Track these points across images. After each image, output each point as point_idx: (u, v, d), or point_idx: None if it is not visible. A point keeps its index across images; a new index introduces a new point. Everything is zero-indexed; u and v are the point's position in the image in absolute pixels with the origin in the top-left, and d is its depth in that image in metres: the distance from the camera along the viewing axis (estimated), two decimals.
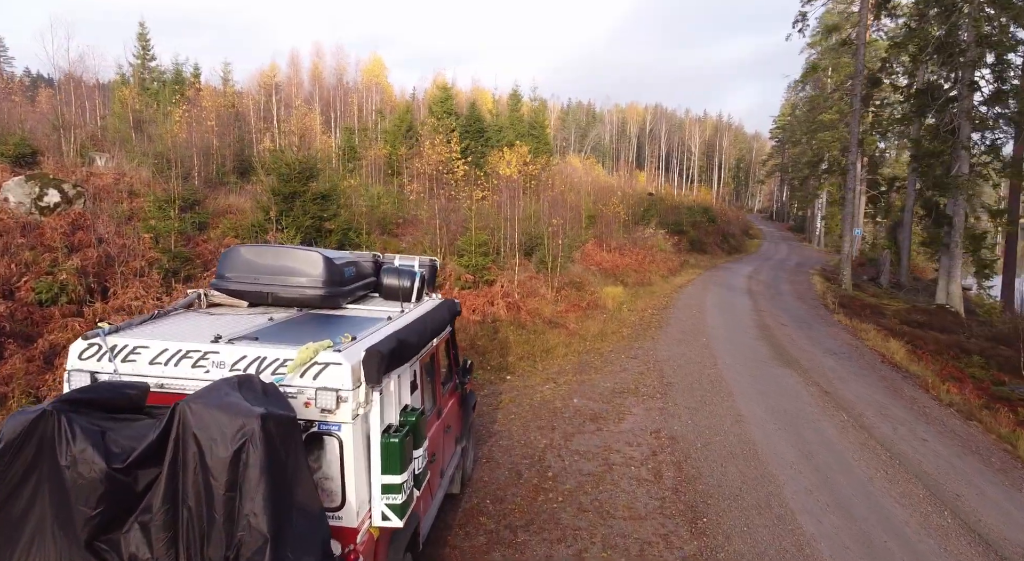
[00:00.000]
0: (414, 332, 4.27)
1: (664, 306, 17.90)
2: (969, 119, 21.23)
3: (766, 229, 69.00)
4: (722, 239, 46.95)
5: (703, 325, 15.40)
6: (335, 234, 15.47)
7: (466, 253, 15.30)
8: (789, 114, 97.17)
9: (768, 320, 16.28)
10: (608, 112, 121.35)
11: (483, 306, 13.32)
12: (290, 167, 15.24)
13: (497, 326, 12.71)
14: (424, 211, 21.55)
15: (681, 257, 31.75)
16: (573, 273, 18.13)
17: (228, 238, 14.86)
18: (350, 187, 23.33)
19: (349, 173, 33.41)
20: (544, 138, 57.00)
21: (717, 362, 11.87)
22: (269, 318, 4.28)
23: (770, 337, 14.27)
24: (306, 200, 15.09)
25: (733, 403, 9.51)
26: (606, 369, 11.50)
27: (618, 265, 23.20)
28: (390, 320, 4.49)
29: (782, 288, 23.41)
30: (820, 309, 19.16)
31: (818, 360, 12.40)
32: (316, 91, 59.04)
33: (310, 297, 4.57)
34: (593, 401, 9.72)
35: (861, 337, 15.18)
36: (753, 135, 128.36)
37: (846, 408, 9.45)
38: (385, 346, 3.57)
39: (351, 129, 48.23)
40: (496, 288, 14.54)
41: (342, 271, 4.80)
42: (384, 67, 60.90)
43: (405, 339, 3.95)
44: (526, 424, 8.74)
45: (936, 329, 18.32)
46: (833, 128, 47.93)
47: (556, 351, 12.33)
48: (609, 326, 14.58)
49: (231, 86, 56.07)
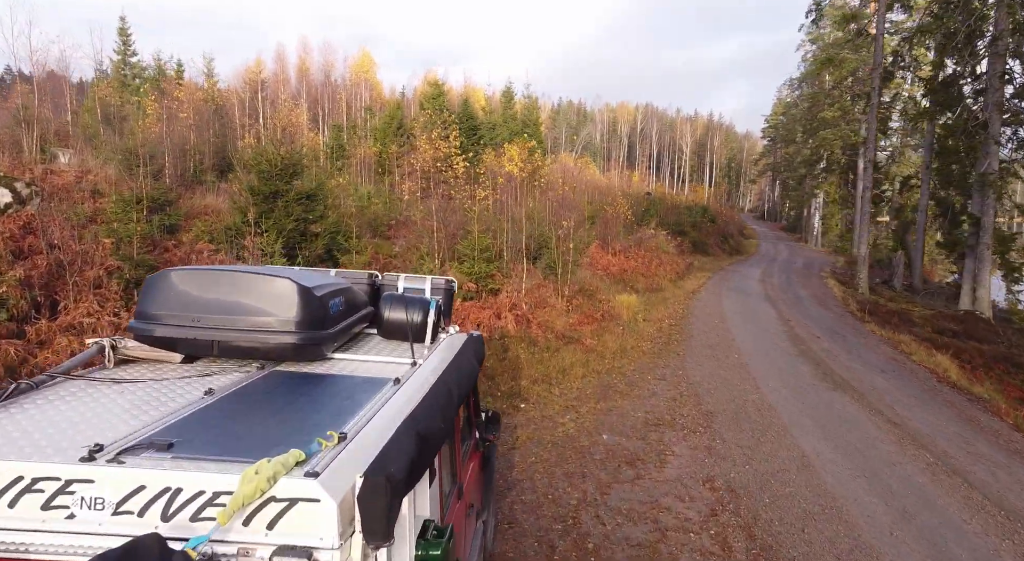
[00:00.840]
0: (437, 408, 2.72)
1: (682, 315, 16.46)
2: (1000, 112, 19.94)
3: (759, 229, 68.07)
4: (722, 240, 45.73)
5: (729, 337, 13.97)
6: (321, 238, 13.92)
7: (467, 259, 13.80)
8: (782, 113, 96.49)
9: (799, 331, 14.88)
10: (599, 111, 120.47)
11: (489, 320, 11.82)
12: (271, 164, 13.67)
13: (506, 343, 11.21)
14: (418, 211, 20.03)
15: (686, 259, 30.38)
16: (581, 279, 16.65)
17: (201, 243, 13.28)
18: (338, 186, 21.76)
19: (337, 171, 31.85)
20: (538, 136, 55.59)
21: (758, 384, 10.42)
22: (207, 390, 2.76)
23: (807, 352, 12.85)
24: (289, 200, 13.54)
25: (791, 439, 8.06)
26: (633, 393, 10.03)
27: (625, 269, 21.77)
28: (398, 384, 2.97)
29: (800, 293, 22.04)
30: (847, 317, 17.79)
31: (869, 380, 10.98)
32: (303, 88, 57.34)
33: (278, 346, 3.00)
34: (625, 437, 8.24)
35: (902, 350, 13.80)
36: (744, 134, 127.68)
37: (925, 444, 8.02)
38: (398, 458, 2.04)
39: (339, 126, 46.58)
40: (502, 298, 13.04)
41: (326, 305, 3.26)
42: (373, 63, 59.24)
43: (427, 430, 2.41)
44: (551, 470, 7.24)
45: (974, 338, 16.99)
46: (835, 125, 46.82)
47: (573, 372, 10.84)
48: (628, 340, 13.10)
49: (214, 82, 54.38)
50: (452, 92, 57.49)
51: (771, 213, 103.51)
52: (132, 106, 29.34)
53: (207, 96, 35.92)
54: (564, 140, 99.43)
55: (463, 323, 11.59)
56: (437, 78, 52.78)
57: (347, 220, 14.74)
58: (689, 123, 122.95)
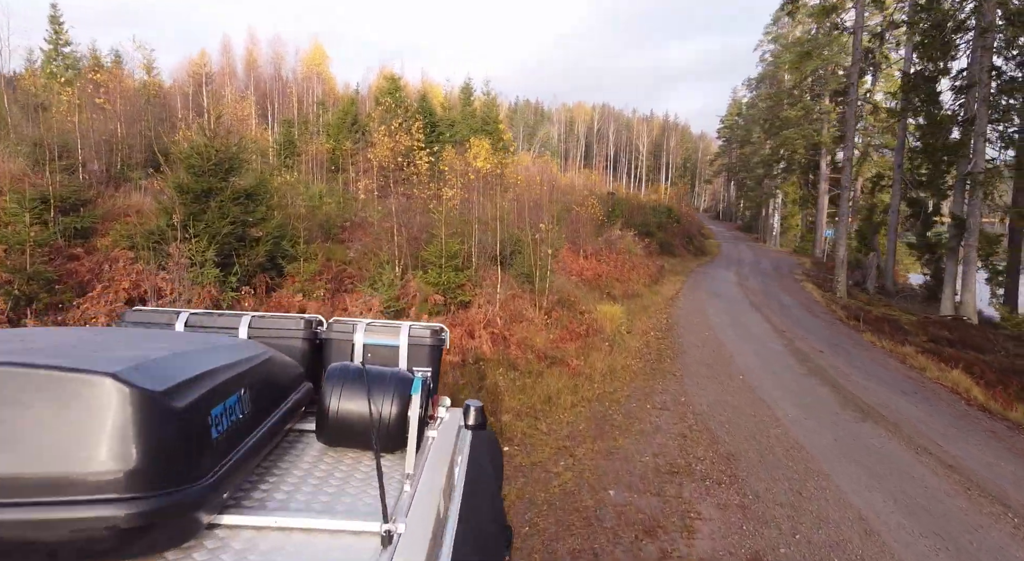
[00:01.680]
0: None
1: (667, 326, 15.06)
2: (988, 108, 19.14)
3: (716, 229, 67.93)
4: (687, 240, 44.87)
5: (726, 353, 12.59)
6: (263, 243, 12.04)
7: (433, 267, 12.11)
8: (737, 114, 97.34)
9: (799, 344, 13.60)
10: (556, 111, 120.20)
11: (461, 340, 10.15)
12: (203, 157, 11.74)
13: (483, 368, 9.57)
14: (376, 212, 18.22)
15: (655, 261, 29.15)
16: (559, 287, 15.10)
17: (119, 250, 11.28)
18: (285, 184, 19.77)
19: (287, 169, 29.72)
20: (498, 133, 54.05)
21: (775, 413, 9.01)
22: None
23: (816, 370, 11.53)
24: (224, 200, 11.64)
25: (839, 493, 6.62)
26: (633, 429, 8.50)
27: (600, 274, 20.33)
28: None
29: (782, 299, 20.92)
30: (839, 326, 16.66)
31: (894, 405, 9.68)
32: (251, 81, 54.57)
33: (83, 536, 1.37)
34: (637, 493, 6.69)
35: (911, 364, 12.64)
36: (699, 135, 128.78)
37: (997, 496, 6.67)
38: None
39: (290, 122, 44.21)
40: (474, 312, 11.39)
41: (198, 421, 1.57)
42: (326, 57, 56.76)
43: None
44: (550, 546, 5.64)
45: (971, 347, 16.02)
46: (798, 125, 46.43)
47: (561, 401, 9.26)
48: (616, 359, 11.58)
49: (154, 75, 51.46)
50: (409, 87, 55.47)
51: (726, 213, 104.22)
52: (56, 96, 26.69)
53: (143, 86, 33.40)
54: (522, 139, 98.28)
55: None
56: (393, 73, 50.72)
57: (294, 222, 12.86)
58: (646, 123, 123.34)
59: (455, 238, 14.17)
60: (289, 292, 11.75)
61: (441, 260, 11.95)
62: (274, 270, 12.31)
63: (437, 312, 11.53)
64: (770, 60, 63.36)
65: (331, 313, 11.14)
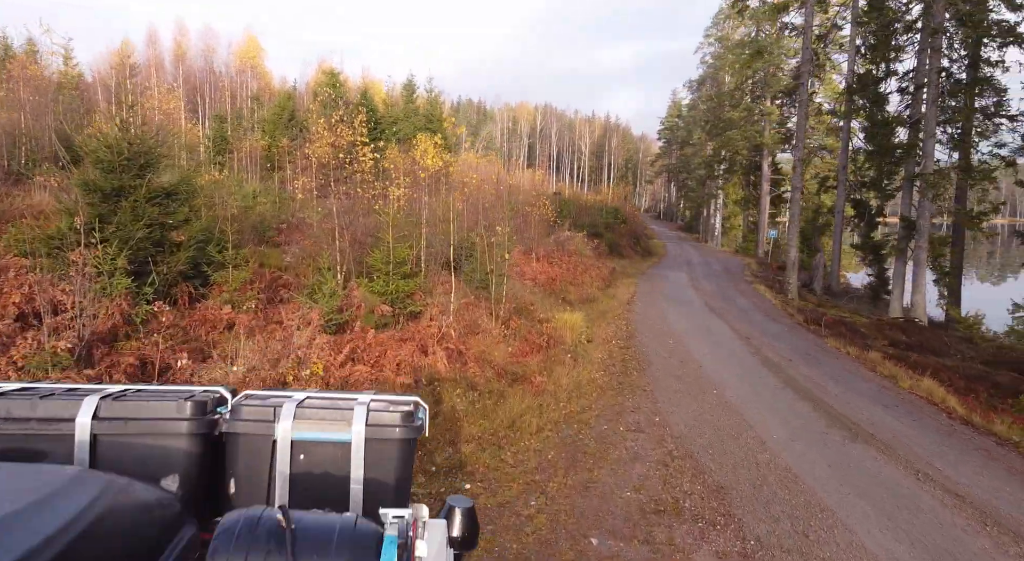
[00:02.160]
0: None
1: (628, 334, 14.29)
2: (937, 110, 19.13)
3: (658, 229, 68.49)
4: (634, 241, 44.62)
5: (694, 363, 11.87)
6: (186, 248, 10.67)
7: (380, 274, 10.96)
8: (677, 115, 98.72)
9: (767, 353, 13.01)
10: (499, 110, 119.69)
11: (413, 357, 9.07)
12: (114, 151, 10.30)
13: (438, 390, 8.51)
14: (315, 213, 16.89)
15: (606, 263, 28.58)
16: (514, 293, 14.15)
17: (11, 257, 9.74)
18: (213, 183, 18.22)
19: (218, 167, 27.91)
20: (443, 132, 52.83)
21: (761, 436, 8.26)
22: None
23: (791, 382, 10.90)
24: (139, 199, 10.22)
25: (851, 535, 5.85)
26: (609, 456, 7.61)
27: (553, 278, 19.49)
28: None
29: (739, 302, 20.52)
30: (800, 330, 16.25)
31: (881, 422, 9.08)
32: (180, 74, 51.77)
33: None
34: (623, 540, 5.78)
35: (881, 372, 12.20)
36: (640, 136, 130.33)
37: (1019, 533, 6.03)
38: None
39: (222, 117, 41.98)
40: (426, 324, 10.31)
41: None
42: (260, 49, 54.37)
43: None
44: None
45: (930, 351, 15.87)
46: (741, 126, 46.81)
47: (526, 424, 8.30)
48: (581, 372, 10.70)
49: (73, 66, 48.33)
50: (349, 83, 53.59)
51: (667, 213, 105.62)
52: None
53: (63, 76, 30.95)
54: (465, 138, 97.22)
55: (376, 363, 8.81)
56: (332, 67, 48.89)
57: (223, 224, 11.48)
58: (588, 124, 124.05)
59: (403, 242, 13.07)
60: (216, 303, 10.42)
61: (388, 267, 10.83)
62: (198, 278, 10.95)
63: (385, 324, 10.41)
64: (711, 62, 64.02)
65: (264, 326, 9.90)
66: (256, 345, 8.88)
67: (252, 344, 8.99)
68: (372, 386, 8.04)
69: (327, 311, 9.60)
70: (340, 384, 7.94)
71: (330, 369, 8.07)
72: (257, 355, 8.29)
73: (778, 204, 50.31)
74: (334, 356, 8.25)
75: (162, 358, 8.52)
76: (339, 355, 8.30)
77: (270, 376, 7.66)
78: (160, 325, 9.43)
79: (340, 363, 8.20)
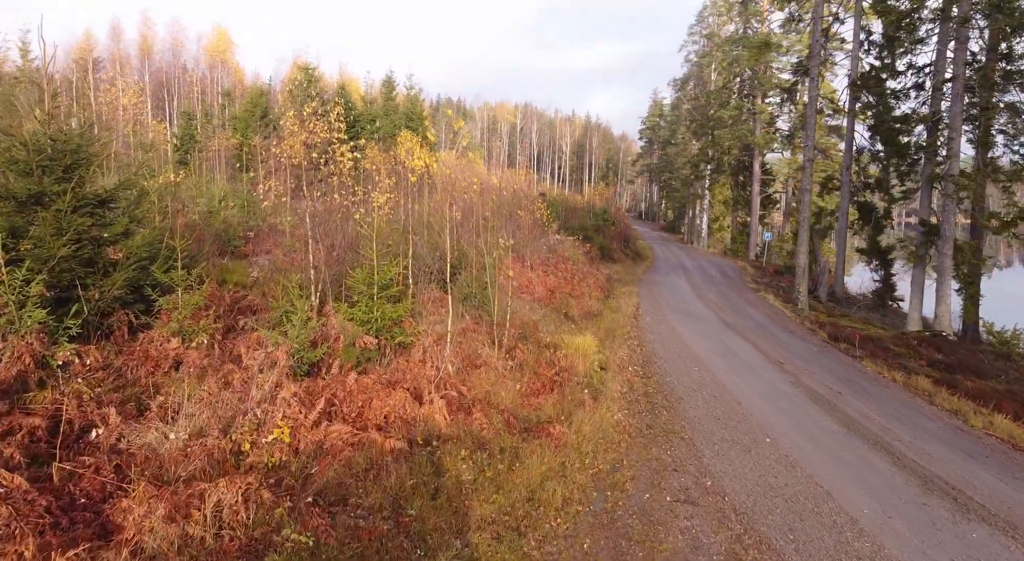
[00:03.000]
0: None
1: (645, 358, 12.58)
2: (963, 106, 17.69)
3: (641, 229, 67.20)
4: (624, 244, 43.02)
5: (729, 398, 10.18)
6: (124, 268, 8.75)
7: (362, 297, 9.13)
8: (658, 115, 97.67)
9: (806, 380, 11.38)
10: (478, 109, 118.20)
11: (405, 408, 7.25)
12: (32, 149, 8.36)
13: (438, 455, 6.71)
14: (287, 219, 14.99)
15: (600, 270, 26.94)
16: (515, 311, 12.37)
17: None
18: (172, 185, 16.21)
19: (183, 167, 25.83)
20: (423, 130, 50.92)
21: (847, 510, 6.56)
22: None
23: (851, 425, 9.22)
24: (64, 208, 8.29)
25: None
26: (662, 546, 5.87)
27: (552, 290, 17.75)
28: None
29: (751, 314, 18.93)
30: (831, 350, 14.67)
31: (983, 485, 7.40)
32: (146, 69, 49.27)
33: None
34: None
35: (941, 405, 10.63)
36: (620, 136, 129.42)
37: None
38: None
39: (190, 114, 39.71)
40: (419, 362, 8.49)
41: None
42: (232, 43, 51.91)
43: None
44: None
45: (971, 372, 14.37)
46: (732, 125, 45.50)
47: (549, 496, 6.54)
48: (604, 414, 8.95)
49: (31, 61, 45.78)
50: (326, 79, 51.40)
51: (648, 213, 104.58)
52: None
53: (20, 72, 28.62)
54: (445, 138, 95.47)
55: (359, 418, 6.97)
56: (307, 63, 46.70)
57: (171, 238, 9.52)
58: (569, 123, 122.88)
59: (387, 255, 11.26)
60: (162, 334, 8.52)
61: (372, 289, 9.00)
62: (141, 303, 9.04)
63: (368, 359, 8.59)
64: (695, 60, 62.74)
65: (219, 366, 8.01)
66: (207, 394, 7.03)
67: (203, 391, 7.14)
68: (353, 452, 6.22)
69: (297, 348, 7.76)
70: (312, 452, 6.12)
71: (299, 431, 6.24)
72: (206, 411, 6.44)
73: (767, 206, 49.14)
74: (305, 412, 6.43)
75: (83, 416, 6.65)
76: (311, 410, 6.47)
77: (218, 446, 5.81)
78: (84, 368, 7.53)
79: (312, 422, 6.37)
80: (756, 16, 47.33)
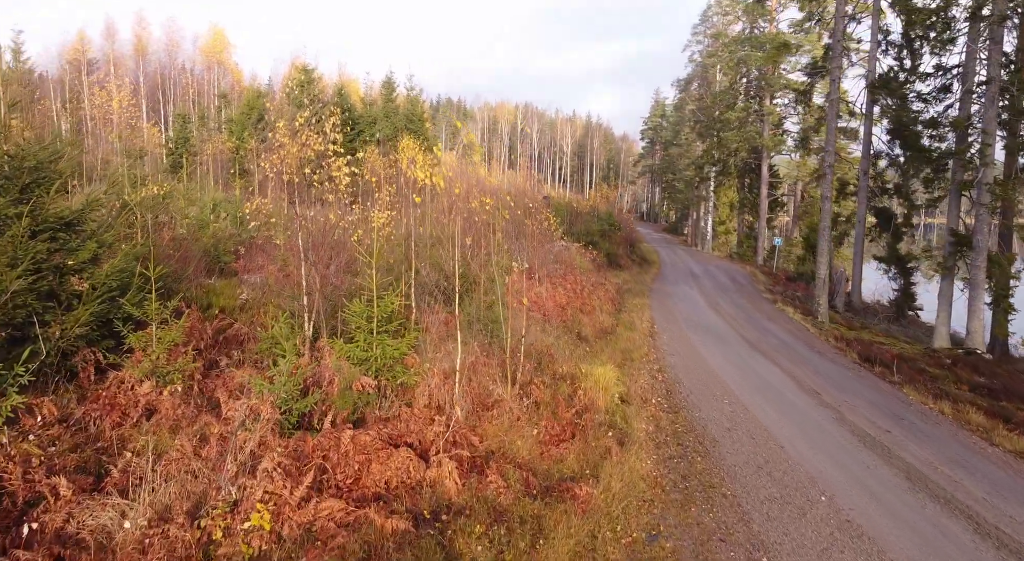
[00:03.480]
0: None
1: (668, 388, 11.55)
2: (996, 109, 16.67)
3: (644, 231, 66.25)
4: (630, 249, 41.97)
5: (768, 440, 9.15)
6: (89, 301, 7.72)
7: (360, 332, 8.10)
8: (660, 115, 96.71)
9: (853, 418, 10.34)
10: (479, 110, 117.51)
11: (409, 471, 6.22)
12: None
13: (449, 534, 5.68)
14: (282, 233, 13.98)
15: (609, 279, 25.89)
16: (519, 333, 11.33)
17: None
18: (160, 196, 15.19)
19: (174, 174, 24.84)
20: (424, 133, 49.90)
21: None
22: None
23: (916, 478, 8.17)
24: (19, 234, 7.27)
25: None
26: None
27: (563, 306, 16.71)
28: None
29: (770, 328, 17.92)
30: (866, 375, 13.66)
31: None
32: (141, 70, 48.25)
33: None
34: None
35: (1004, 446, 9.60)
36: (621, 136, 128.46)
37: None
38: None
39: (186, 117, 38.71)
40: (423, 410, 7.47)
41: None
42: (228, 44, 50.91)
43: None
44: None
45: (1017, 397, 13.35)
46: (741, 127, 44.48)
47: None
48: (633, 464, 7.91)
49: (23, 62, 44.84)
50: (324, 80, 50.37)
51: (650, 214, 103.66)
52: None
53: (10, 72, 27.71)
54: (445, 139, 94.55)
55: (354, 487, 5.94)
56: (306, 64, 45.65)
57: (148, 262, 8.46)
58: (569, 123, 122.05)
59: (387, 273, 10.27)
60: (133, 376, 7.50)
61: (371, 323, 7.98)
62: (111, 339, 8.02)
63: (367, 404, 7.57)
64: (699, 60, 61.72)
65: (196, 416, 7.00)
66: (177, 455, 6.02)
67: (174, 451, 6.13)
68: (347, 537, 5.19)
69: (285, 398, 6.74)
70: (299, 538, 5.09)
71: (283, 511, 5.21)
72: (173, 487, 5.42)
73: (774, 209, 48.14)
74: (291, 486, 5.40)
75: (28, 487, 5.63)
76: (299, 484, 5.44)
77: (183, 538, 4.78)
78: (36, 424, 6.51)
79: (300, 499, 5.34)
80: (764, 16, 46.29)
